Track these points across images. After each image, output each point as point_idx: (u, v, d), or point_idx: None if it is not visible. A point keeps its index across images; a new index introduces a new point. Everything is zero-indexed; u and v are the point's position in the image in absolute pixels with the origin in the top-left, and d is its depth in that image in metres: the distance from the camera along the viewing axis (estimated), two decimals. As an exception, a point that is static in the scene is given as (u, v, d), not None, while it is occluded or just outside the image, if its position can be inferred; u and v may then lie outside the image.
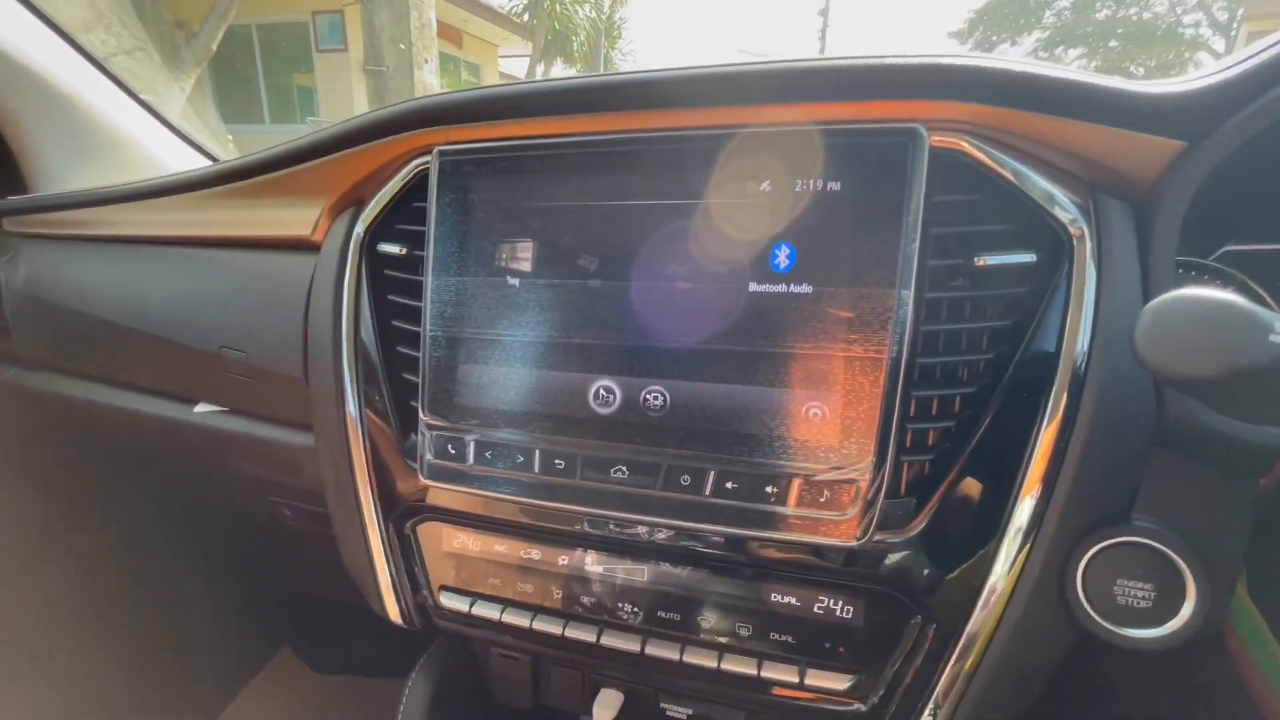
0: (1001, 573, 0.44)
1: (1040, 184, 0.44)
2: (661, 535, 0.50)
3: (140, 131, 0.95)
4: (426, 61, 5.82)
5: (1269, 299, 0.52)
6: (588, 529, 0.52)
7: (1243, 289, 0.52)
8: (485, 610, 0.56)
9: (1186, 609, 0.41)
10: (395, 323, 0.58)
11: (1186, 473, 0.42)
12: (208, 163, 0.98)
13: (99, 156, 0.92)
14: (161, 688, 1.20)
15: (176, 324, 0.72)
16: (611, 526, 0.51)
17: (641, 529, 0.50)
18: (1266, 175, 0.48)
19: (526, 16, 11.65)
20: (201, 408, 0.74)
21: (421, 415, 0.54)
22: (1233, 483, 0.41)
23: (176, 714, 1.22)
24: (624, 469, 0.48)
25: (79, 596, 1.10)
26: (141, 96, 0.93)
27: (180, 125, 0.97)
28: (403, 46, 5.57)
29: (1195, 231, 0.49)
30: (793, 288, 0.45)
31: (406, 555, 0.60)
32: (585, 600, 0.54)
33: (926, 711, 0.47)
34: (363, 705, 1.32)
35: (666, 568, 0.52)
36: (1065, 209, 0.43)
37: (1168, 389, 0.41)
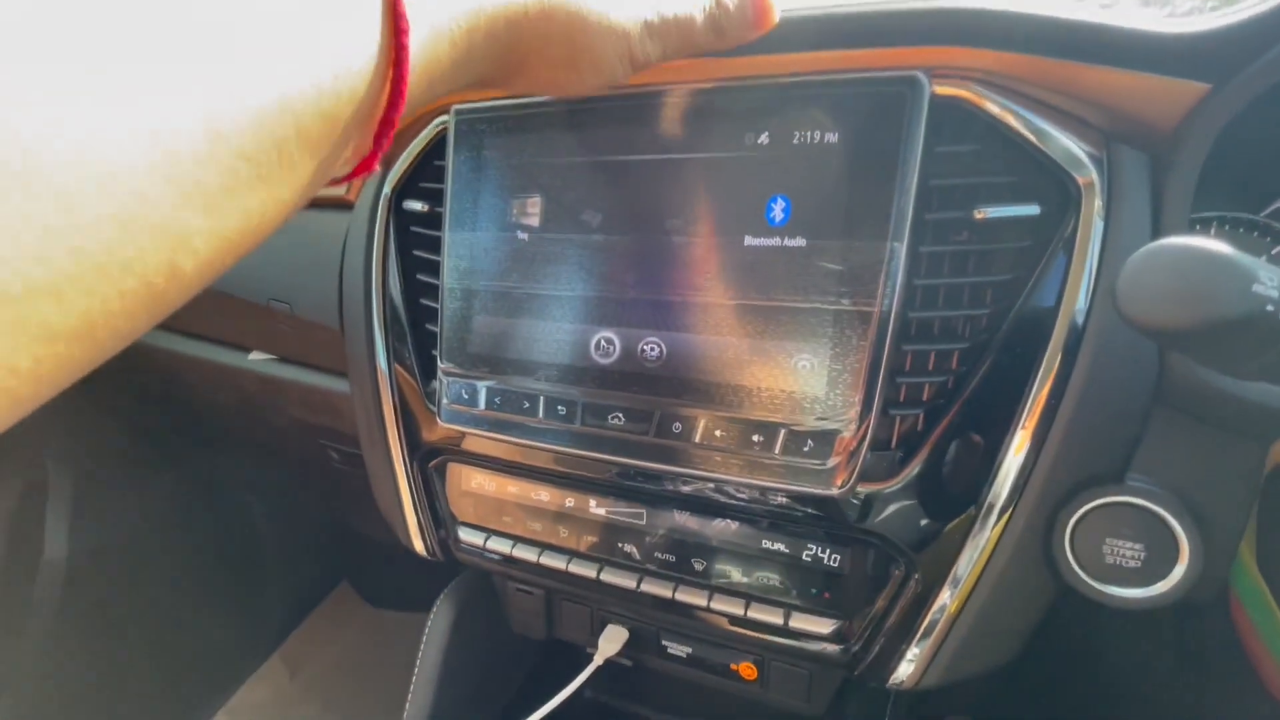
0: (987, 526, 0.44)
1: (1052, 134, 0.42)
2: (658, 480, 0.53)
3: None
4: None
5: None
6: (589, 472, 0.55)
7: None
8: (498, 545, 0.61)
9: (1178, 571, 0.40)
10: (419, 277, 0.61)
11: (1189, 434, 0.41)
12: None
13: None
14: (229, 614, 1.33)
15: (231, 279, 0.78)
16: (611, 470, 0.54)
17: (636, 473, 0.53)
18: None
19: None
20: (255, 355, 0.81)
21: (439, 363, 0.57)
22: (1238, 445, 0.40)
23: (243, 637, 1.36)
24: (620, 415, 0.50)
25: (162, 529, 1.23)
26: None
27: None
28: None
29: (1248, 186, 0.46)
30: (787, 241, 0.45)
31: (430, 493, 0.64)
32: (587, 538, 0.57)
33: (906, 658, 0.48)
34: (411, 640, 1.43)
35: (661, 511, 0.54)
36: (1075, 159, 0.41)
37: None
